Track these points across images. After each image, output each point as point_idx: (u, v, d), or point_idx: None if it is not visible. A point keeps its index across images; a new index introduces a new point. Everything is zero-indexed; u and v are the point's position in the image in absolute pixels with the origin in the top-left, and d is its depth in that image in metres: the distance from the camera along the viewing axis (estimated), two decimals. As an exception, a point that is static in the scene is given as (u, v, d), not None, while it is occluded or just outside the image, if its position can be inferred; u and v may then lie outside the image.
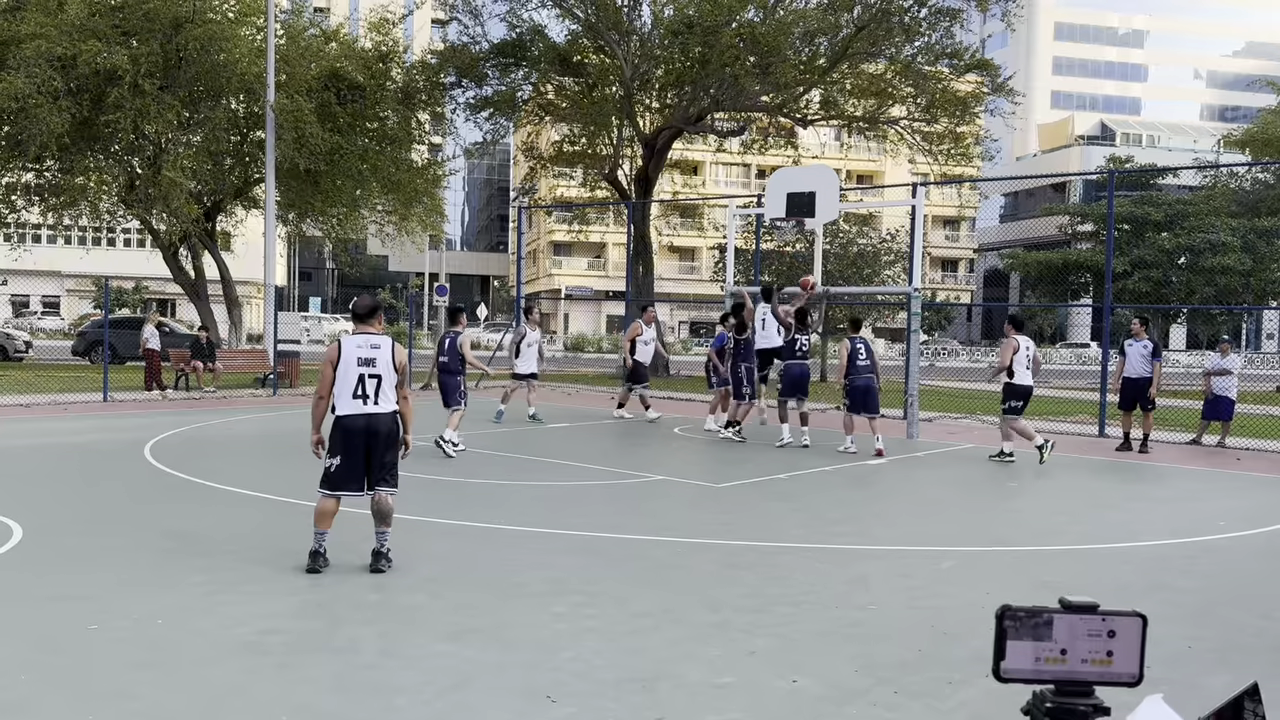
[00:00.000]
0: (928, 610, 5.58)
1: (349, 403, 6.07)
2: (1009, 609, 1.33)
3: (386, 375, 6.13)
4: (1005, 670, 1.33)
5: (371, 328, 6.23)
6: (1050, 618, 1.32)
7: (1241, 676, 4.60)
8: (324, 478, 6.14)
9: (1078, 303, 39.19)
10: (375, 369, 6.09)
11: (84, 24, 20.76)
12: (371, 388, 6.08)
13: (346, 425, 6.07)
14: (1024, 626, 1.32)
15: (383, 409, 6.11)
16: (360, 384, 6.05)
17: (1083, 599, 1.34)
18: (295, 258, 70.45)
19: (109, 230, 44.75)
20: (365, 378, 6.06)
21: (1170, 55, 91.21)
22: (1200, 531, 8.12)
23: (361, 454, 6.07)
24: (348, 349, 6.09)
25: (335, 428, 6.11)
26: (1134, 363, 13.79)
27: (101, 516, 7.73)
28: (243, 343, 27.61)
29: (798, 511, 8.59)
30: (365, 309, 6.27)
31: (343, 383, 6.06)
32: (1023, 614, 1.32)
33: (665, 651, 4.76)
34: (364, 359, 6.07)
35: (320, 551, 6.08)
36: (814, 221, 14.96)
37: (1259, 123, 38.59)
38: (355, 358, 6.06)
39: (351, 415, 6.06)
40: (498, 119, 29.54)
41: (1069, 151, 75.96)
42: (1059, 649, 1.32)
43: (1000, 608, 1.33)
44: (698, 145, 36.38)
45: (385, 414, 6.12)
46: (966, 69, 26.94)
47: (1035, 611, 1.32)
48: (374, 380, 6.08)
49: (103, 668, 4.42)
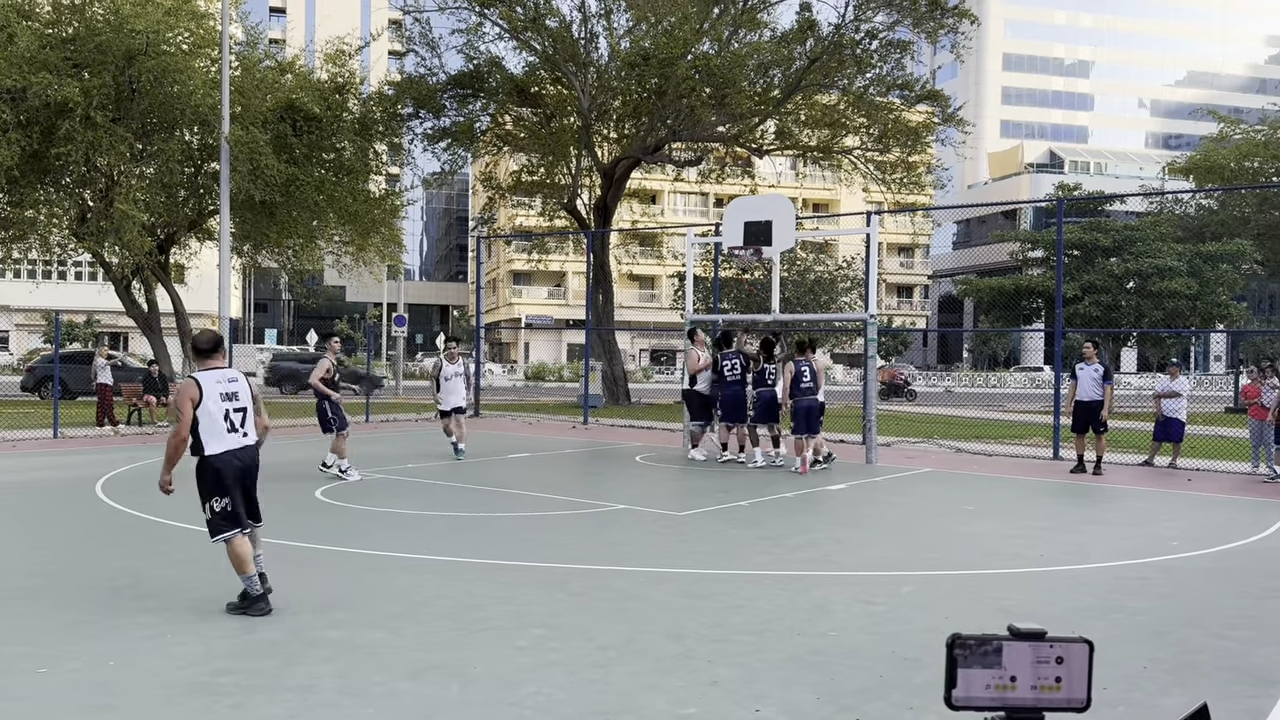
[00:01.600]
0: (888, 636, 5.61)
1: (224, 439, 5.97)
2: (959, 637, 1.35)
3: (249, 407, 6.14)
4: (957, 698, 1.35)
5: (218, 362, 6.17)
6: (1000, 645, 1.35)
7: (1195, 695, 4.68)
8: (222, 518, 5.94)
9: (1030, 327, 39.82)
10: (239, 402, 6.08)
11: (34, 56, 20.51)
12: (239, 420, 6.05)
13: (226, 462, 5.97)
14: (974, 654, 1.34)
15: (252, 440, 6.14)
16: (228, 419, 6.00)
17: (1031, 626, 1.37)
18: (250, 289, 69.72)
19: (60, 263, 44.03)
20: (231, 412, 6.03)
21: (1115, 85, 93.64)
22: (1154, 552, 8.25)
23: (241, 489, 6.04)
24: (208, 386, 5.98)
25: (208, 468, 5.97)
26: (1086, 386, 13.97)
27: (50, 556, 7.56)
28: (197, 376, 27.19)
29: (760, 539, 8.61)
30: (210, 344, 6.18)
31: (210, 420, 5.94)
32: (972, 642, 1.35)
33: (628, 684, 4.74)
34: (226, 393, 6.05)
35: (265, 592, 5.95)
36: (771, 250, 15.11)
37: (1201, 150, 39.67)
38: (218, 393, 6.00)
39: (230, 451, 5.98)
40: (456, 149, 29.57)
41: (1019, 179, 77.50)
42: (1009, 676, 1.34)
43: (950, 636, 1.35)
44: (656, 174, 36.61)
45: (255, 446, 6.16)
46: (918, 99, 27.46)
47: (985, 639, 1.35)
48: (240, 414, 6.06)
49: (56, 713, 4.31)
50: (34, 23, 21.87)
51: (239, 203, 23.03)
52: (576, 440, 18.09)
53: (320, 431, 12.54)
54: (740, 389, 14.25)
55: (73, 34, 21.99)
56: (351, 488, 11.28)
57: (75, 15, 22.29)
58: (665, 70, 23.49)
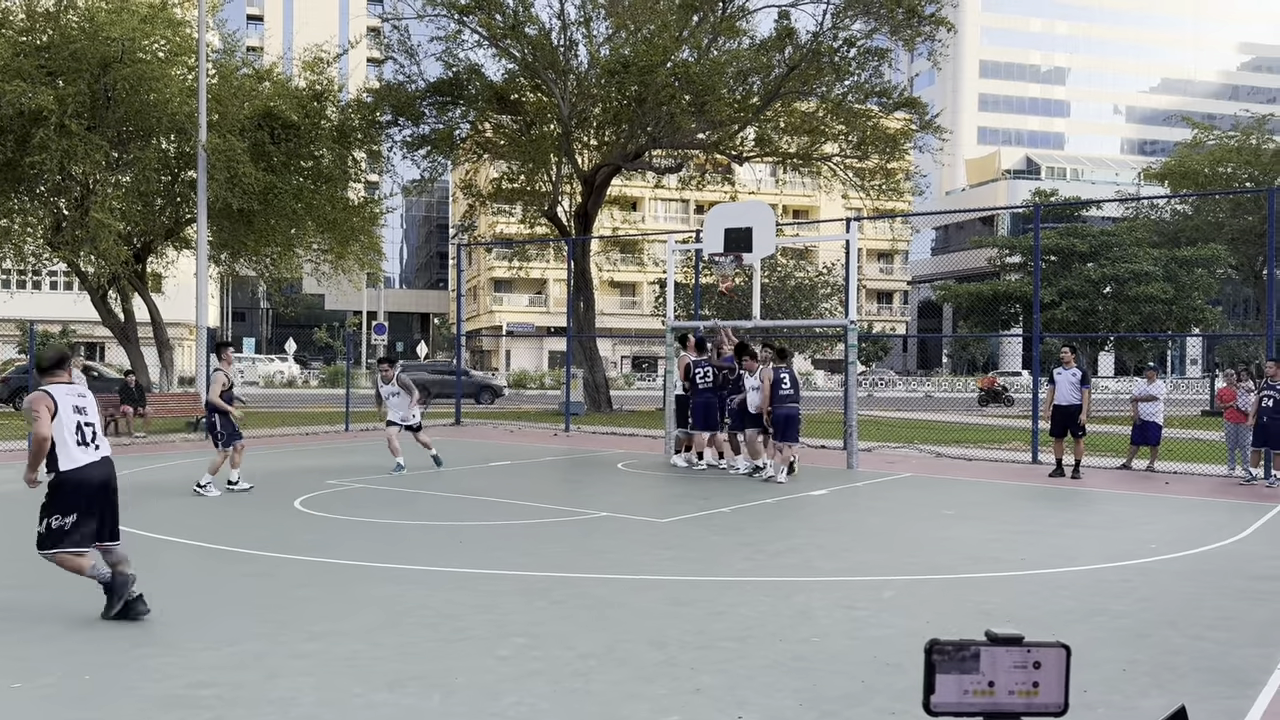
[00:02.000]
0: (870, 641, 5.62)
1: (78, 453, 5.90)
2: (937, 643, 1.35)
3: (98, 421, 6.12)
4: (935, 704, 1.35)
5: (62, 377, 6.10)
6: (977, 650, 1.35)
7: (1174, 697, 4.71)
8: (59, 535, 5.85)
9: (1008, 332, 40.06)
10: (89, 416, 6.07)
11: (8, 64, 20.32)
12: (90, 434, 6.02)
13: (85, 478, 5.89)
14: (952, 660, 1.34)
15: (106, 453, 6.09)
16: (80, 432, 5.96)
17: (1008, 631, 1.37)
18: (228, 298, 69.22)
19: (35, 273, 43.56)
20: (83, 425, 6.00)
21: (1090, 92, 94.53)
22: (1133, 555, 8.31)
23: (99, 506, 5.97)
24: (61, 399, 5.92)
25: (66, 484, 5.87)
26: (1064, 390, 13.99)
27: (25, 569, 7.46)
28: (174, 386, 26.99)
29: (742, 545, 8.61)
30: (53, 360, 6.13)
31: (65, 432, 5.87)
32: (950, 647, 1.35)
33: (611, 692, 4.73)
34: (78, 406, 6.02)
35: (128, 595, 5.87)
36: (751, 256, 15.15)
37: (1176, 156, 40.09)
38: (70, 405, 5.97)
39: (88, 465, 5.92)
40: (435, 157, 29.51)
41: (996, 185, 78.07)
42: (986, 681, 1.35)
43: (929, 641, 1.35)
44: (636, 181, 36.72)
45: (109, 460, 6.11)
46: (895, 107, 27.62)
47: (962, 645, 1.35)
48: (89, 428, 6.04)
49: (26, 729, 4.26)
50: (8, 30, 21.68)
51: (216, 211, 22.88)
52: (558, 448, 18.06)
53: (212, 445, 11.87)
54: (712, 396, 14.26)
55: (47, 41, 21.80)
56: (332, 497, 11.21)
57: (50, 23, 22.11)
58: (645, 78, 23.53)
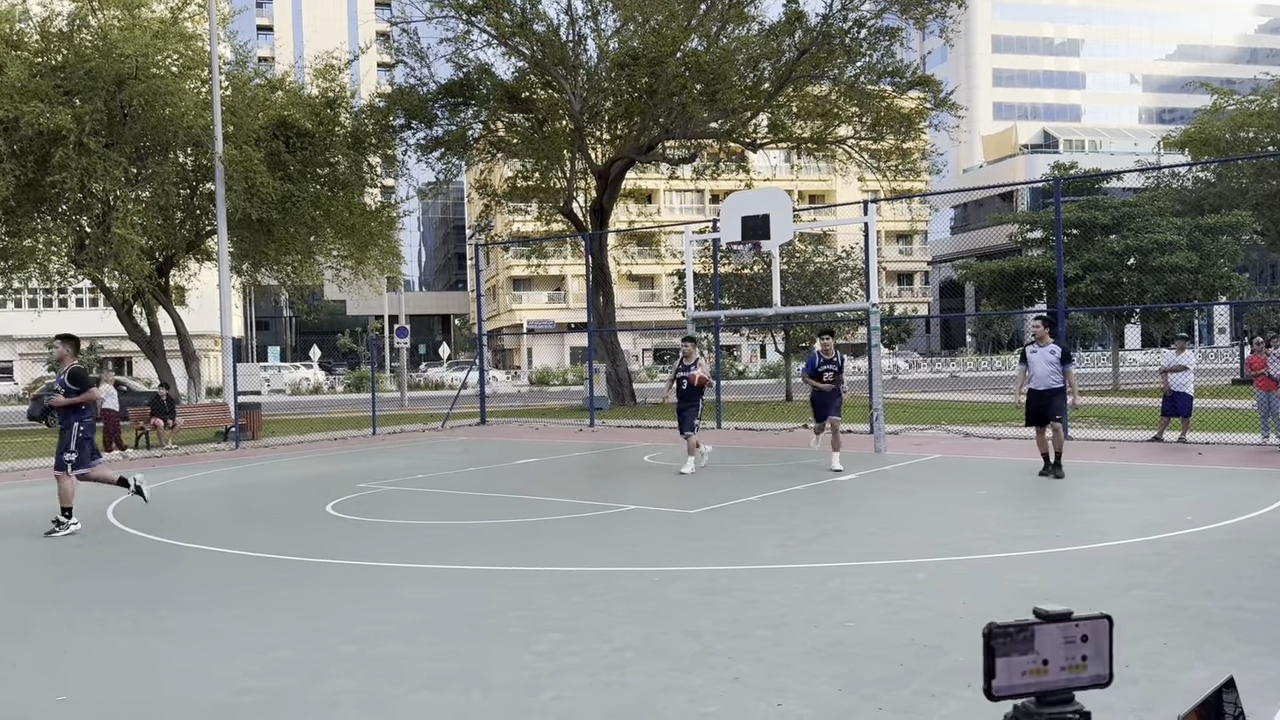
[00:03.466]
0: (907, 624, 5.59)
1: None
2: (996, 627, 1.33)
3: None
4: (997, 689, 1.33)
5: None
6: (1032, 631, 1.34)
7: (1216, 670, 4.66)
8: None
9: (1032, 309, 39.70)
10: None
11: (25, 85, 20.55)
12: None
13: None
14: (1012, 643, 1.33)
15: None
16: None
17: (1056, 608, 1.36)
18: (251, 308, 69.79)
19: (60, 291, 44.07)
20: None
21: (1106, 62, 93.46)
22: (1169, 528, 8.23)
23: None
24: None
25: None
26: (1040, 371, 11.63)
27: (65, 579, 7.56)
28: (202, 397, 27.24)
29: (772, 533, 8.59)
30: None
31: None
32: (1011, 630, 1.33)
33: (648, 684, 4.73)
34: None
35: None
36: (770, 243, 15.08)
37: (1195, 123, 39.57)
38: None
39: None
40: (449, 158, 29.58)
41: (1014, 161, 77.39)
42: (1041, 660, 1.33)
43: (987, 626, 1.34)
44: (650, 173, 36.59)
45: None
46: (909, 86, 27.42)
47: (1021, 626, 1.34)
48: None
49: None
50: (23, 52, 21.93)
51: (236, 222, 23.06)
52: (584, 443, 18.09)
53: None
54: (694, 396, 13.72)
55: (62, 61, 22.04)
56: (363, 500, 11.27)
57: (64, 43, 22.34)
58: (655, 69, 23.47)
